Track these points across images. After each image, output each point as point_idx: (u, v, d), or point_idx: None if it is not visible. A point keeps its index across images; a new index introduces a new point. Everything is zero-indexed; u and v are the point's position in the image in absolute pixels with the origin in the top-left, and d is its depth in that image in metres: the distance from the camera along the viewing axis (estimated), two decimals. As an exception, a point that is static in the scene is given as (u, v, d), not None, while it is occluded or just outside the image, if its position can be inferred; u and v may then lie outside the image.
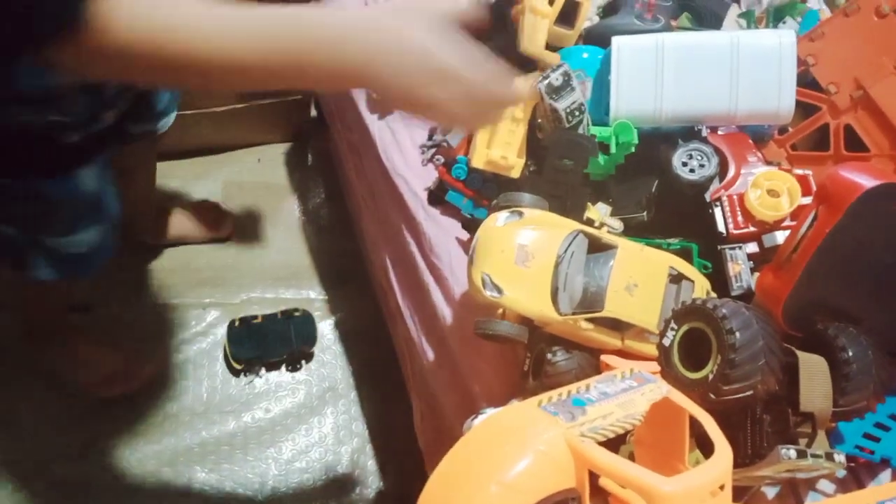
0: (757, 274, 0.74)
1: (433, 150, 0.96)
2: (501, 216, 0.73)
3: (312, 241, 1.45)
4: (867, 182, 0.59)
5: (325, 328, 1.34)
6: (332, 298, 1.39)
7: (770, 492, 0.70)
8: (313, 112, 1.56)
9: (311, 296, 1.38)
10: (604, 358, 0.69)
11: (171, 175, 1.45)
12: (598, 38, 0.95)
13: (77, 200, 0.88)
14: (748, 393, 0.55)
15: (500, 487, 0.47)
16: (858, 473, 0.71)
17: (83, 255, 0.94)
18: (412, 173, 0.97)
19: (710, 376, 0.56)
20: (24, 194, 0.82)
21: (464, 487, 0.48)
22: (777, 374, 0.56)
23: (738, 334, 0.54)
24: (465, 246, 0.90)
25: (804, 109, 0.90)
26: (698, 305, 0.58)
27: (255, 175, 1.54)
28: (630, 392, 0.57)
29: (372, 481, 1.20)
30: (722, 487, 0.49)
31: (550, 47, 0.90)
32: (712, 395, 0.56)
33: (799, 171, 0.77)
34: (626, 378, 0.59)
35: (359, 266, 1.32)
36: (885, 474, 0.70)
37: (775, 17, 1.12)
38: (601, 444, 0.51)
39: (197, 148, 1.51)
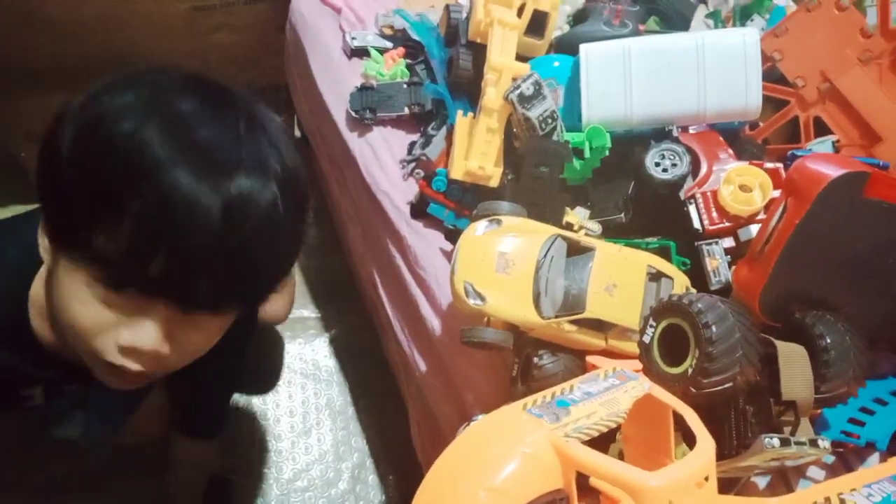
0: (734, 268, 0.75)
1: (413, 165, 0.97)
2: (481, 225, 0.74)
3: (301, 260, 1.46)
4: (833, 172, 0.61)
5: (321, 345, 1.35)
6: (325, 315, 1.39)
7: (761, 482, 0.71)
8: (297, 132, 1.58)
9: (304, 314, 1.39)
10: (589, 359, 0.70)
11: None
12: (569, 46, 0.97)
13: None
14: (728, 385, 0.56)
15: (488, 493, 0.48)
16: (847, 458, 0.72)
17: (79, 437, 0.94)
18: (394, 188, 0.98)
19: (690, 371, 0.57)
20: None
21: (453, 494, 0.49)
22: (755, 364, 0.57)
23: (714, 328, 0.56)
24: (449, 257, 0.91)
25: (774, 104, 0.92)
26: (675, 301, 0.59)
27: (242, 198, 1.55)
28: (613, 390, 0.58)
29: (374, 495, 1.20)
30: (707, 479, 0.50)
31: (521, 58, 0.92)
32: (693, 389, 0.57)
33: (770, 165, 0.79)
34: (609, 377, 0.60)
35: (349, 282, 1.33)
36: (874, 458, 0.71)
37: (742, 16, 1.14)
38: (590, 442, 0.52)
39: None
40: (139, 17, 1.14)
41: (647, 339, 0.61)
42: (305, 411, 1.27)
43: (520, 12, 0.94)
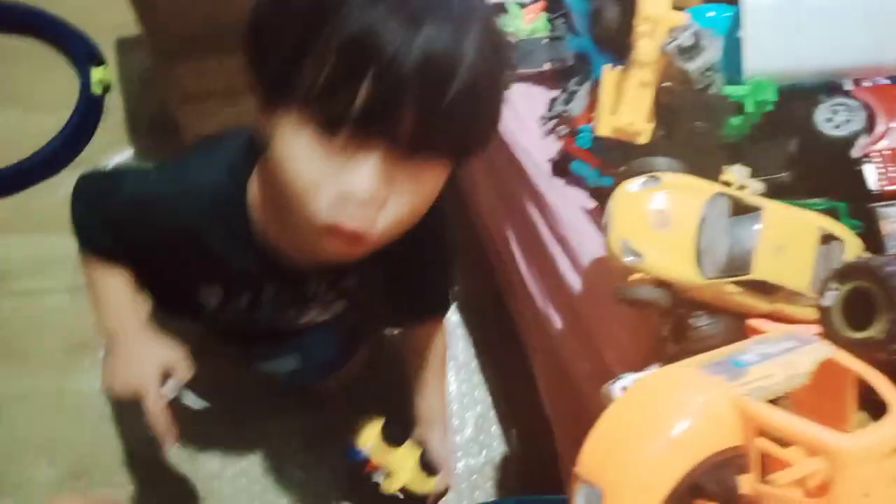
0: (914, 232, 0.70)
1: (555, 121, 0.96)
2: (638, 181, 0.72)
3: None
4: None
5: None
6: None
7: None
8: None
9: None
10: (751, 322, 0.68)
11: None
12: (724, -6, 0.92)
13: None
14: (922, 352, 0.53)
15: (666, 444, 0.48)
16: None
17: (289, 374, 1.02)
18: (534, 145, 0.98)
19: (879, 335, 0.54)
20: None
21: (629, 445, 0.49)
22: (953, 332, 0.53)
23: (910, 291, 0.52)
24: (591, 215, 0.90)
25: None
26: (863, 263, 0.56)
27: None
28: (791, 353, 0.56)
29: (497, 445, 1.23)
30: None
31: (675, 8, 0.88)
32: (881, 355, 0.54)
33: (961, 121, 0.72)
34: (785, 339, 0.58)
35: (471, 238, 1.34)
36: None
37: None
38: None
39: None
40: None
41: (827, 302, 0.59)
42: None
43: (674, -40, 0.89)
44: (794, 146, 0.79)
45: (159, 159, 1.42)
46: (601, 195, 0.91)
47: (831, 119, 0.76)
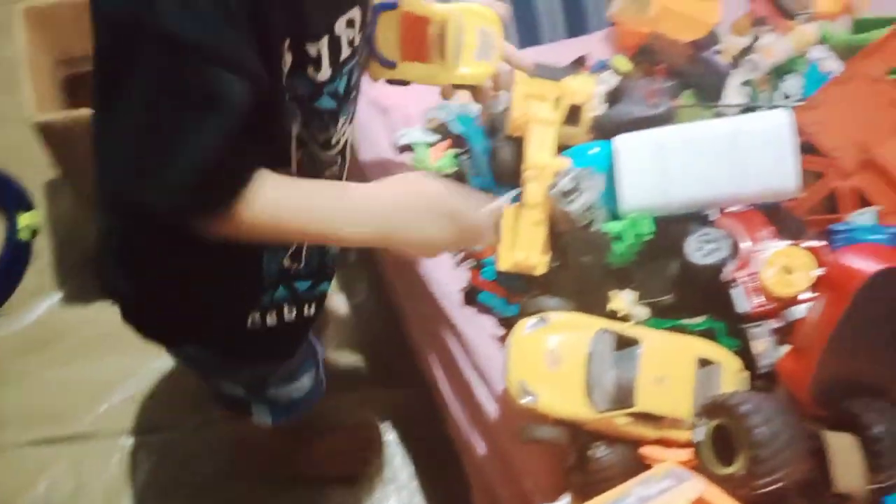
0: (784, 347, 0.76)
1: (462, 254, 1.02)
2: (528, 323, 0.77)
3: (361, 328, 1.51)
4: (870, 267, 0.62)
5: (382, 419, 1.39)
6: (385, 388, 1.43)
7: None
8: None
9: (365, 386, 1.44)
10: (642, 450, 0.72)
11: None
12: (605, 129, 1.01)
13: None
14: (779, 485, 0.57)
15: None
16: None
17: (301, 400, 1.04)
18: (445, 277, 1.03)
19: (740, 472, 0.58)
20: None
21: None
22: (806, 461, 0.58)
23: (760, 430, 0.57)
24: (502, 343, 0.95)
25: (815, 174, 0.93)
26: (720, 402, 0.61)
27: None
28: (668, 493, 0.60)
29: (441, 573, 1.22)
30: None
31: (561, 145, 0.96)
32: (745, 491, 0.58)
33: (813, 244, 0.80)
34: (665, 478, 0.62)
35: (409, 353, 1.37)
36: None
37: (777, 75, 1.16)
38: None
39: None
40: None
41: (697, 437, 0.63)
42: (370, 484, 1.31)
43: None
44: (676, 269, 0.86)
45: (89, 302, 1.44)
46: (510, 324, 0.96)
47: (701, 248, 0.83)
